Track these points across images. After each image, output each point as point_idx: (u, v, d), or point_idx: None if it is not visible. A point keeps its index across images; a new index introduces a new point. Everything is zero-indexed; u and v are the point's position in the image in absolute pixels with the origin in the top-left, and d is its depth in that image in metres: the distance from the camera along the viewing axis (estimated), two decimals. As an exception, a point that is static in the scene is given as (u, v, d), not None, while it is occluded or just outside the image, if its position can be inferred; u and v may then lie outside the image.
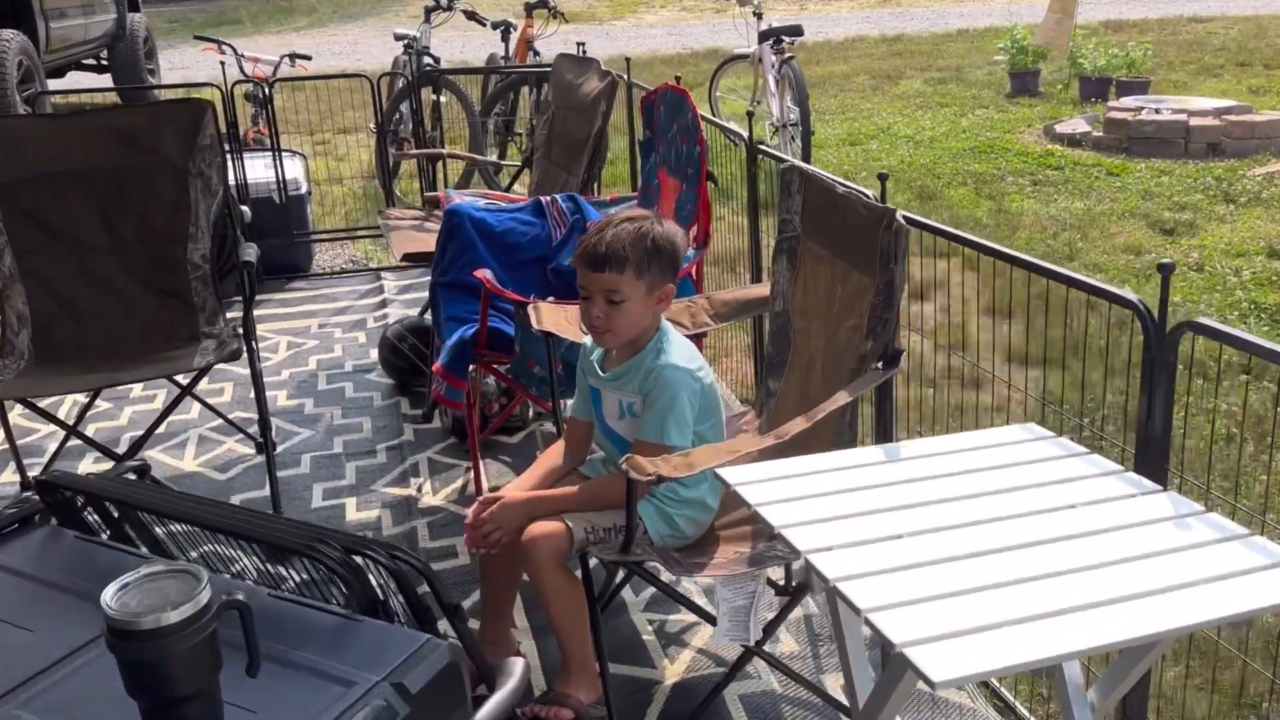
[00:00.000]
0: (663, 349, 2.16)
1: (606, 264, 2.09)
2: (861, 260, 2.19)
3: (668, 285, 2.15)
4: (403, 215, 4.35)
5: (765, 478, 1.76)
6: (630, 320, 2.12)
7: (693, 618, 2.64)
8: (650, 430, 2.11)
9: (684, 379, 2.12)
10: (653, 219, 2.15)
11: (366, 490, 3.45)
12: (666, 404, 2.10)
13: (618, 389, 2.21)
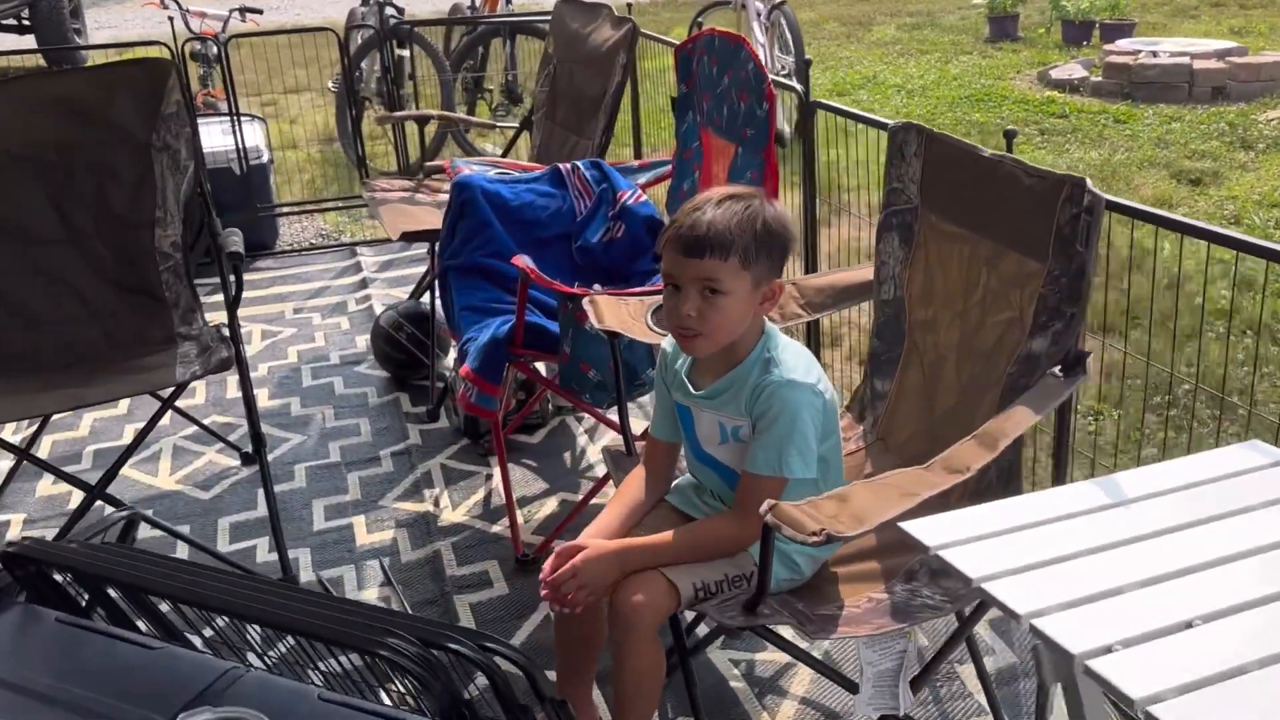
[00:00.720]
0: (773, 359, 1.76)
1: (707, 248, 1.68)
2: (1022, 240, 1.79)
3: (775, 281, 1.75)
4: (390, 186, 3.87)
5: (967, 536, 1.37)
6: (729, 321, 1.72)
7: (784, 656, 2.26)
8: (765, 462, 1.72)
9: (805, 397, 1.73)
10: (761, 198, 1.75)
11: (375, 506, 3.01)
12: (785, 429, 1.71)
13: (716, 409, 1.81)
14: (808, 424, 1.72)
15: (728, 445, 1.82)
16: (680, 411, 1.89)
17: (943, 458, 1.60)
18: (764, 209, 1.72)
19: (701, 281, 1.70)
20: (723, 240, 1.68)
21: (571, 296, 2.32)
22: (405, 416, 3.49)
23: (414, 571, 2.72)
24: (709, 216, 1.70)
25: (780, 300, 2.20)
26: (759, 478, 1.72)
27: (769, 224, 1.71)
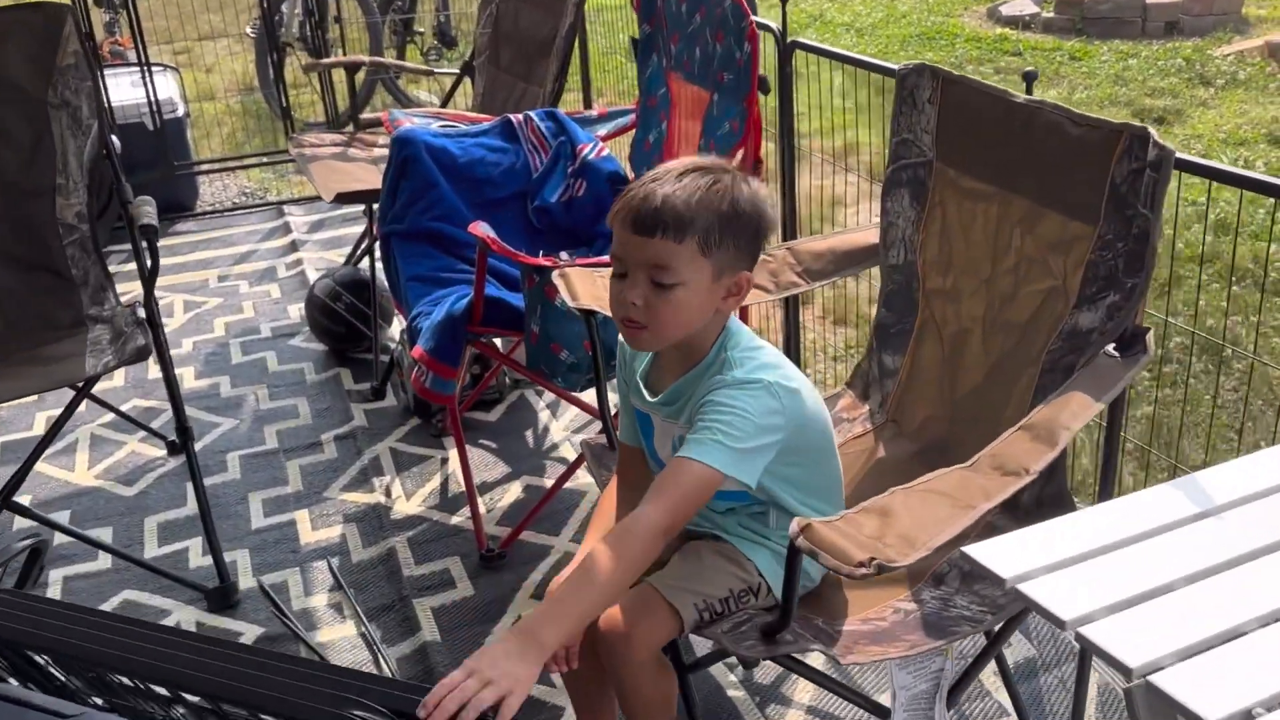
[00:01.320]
0: (729, 360, 1.46)
1: (659, 226, 1.38)
2: (1066, 199, 1.57)
3: (742, 273, 1.44)
4: (320, 141, 3.54)
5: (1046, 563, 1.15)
6: (681, 316, 1.42)
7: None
8: (699, 449, 1.39)
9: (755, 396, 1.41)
10: (735, 175, 1.45)
11: (319, 499, 2.74)
12: (727, 419, 1.40)
13: (671, 417, 1.54)
14: (757, 427, 1.40)
15: None
16: (639, 418, 1.62)
17: (990, 455, 1.38)
18: (736, 186, 1.42)
19: (651, 267, 1.41)
20: (679, 218, 1.38)
21: (539, 269, 2.06)
22: (347, 395, 3.20)
23: (367, 573, 2.46)
24: (666, 189, 1.40)
25: (774, 268, 1.96)
26: (685, 464, 1.38)
27: (739, 204, 1.41)
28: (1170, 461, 2.40)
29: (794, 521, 1.28)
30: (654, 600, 1.52)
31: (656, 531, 1.37)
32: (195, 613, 2.35)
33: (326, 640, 2.26)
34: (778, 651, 1.43)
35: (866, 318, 3.43)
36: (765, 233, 1.47)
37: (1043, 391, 1.62)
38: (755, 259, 1.48)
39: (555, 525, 2.55)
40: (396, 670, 2.15)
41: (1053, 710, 1.98)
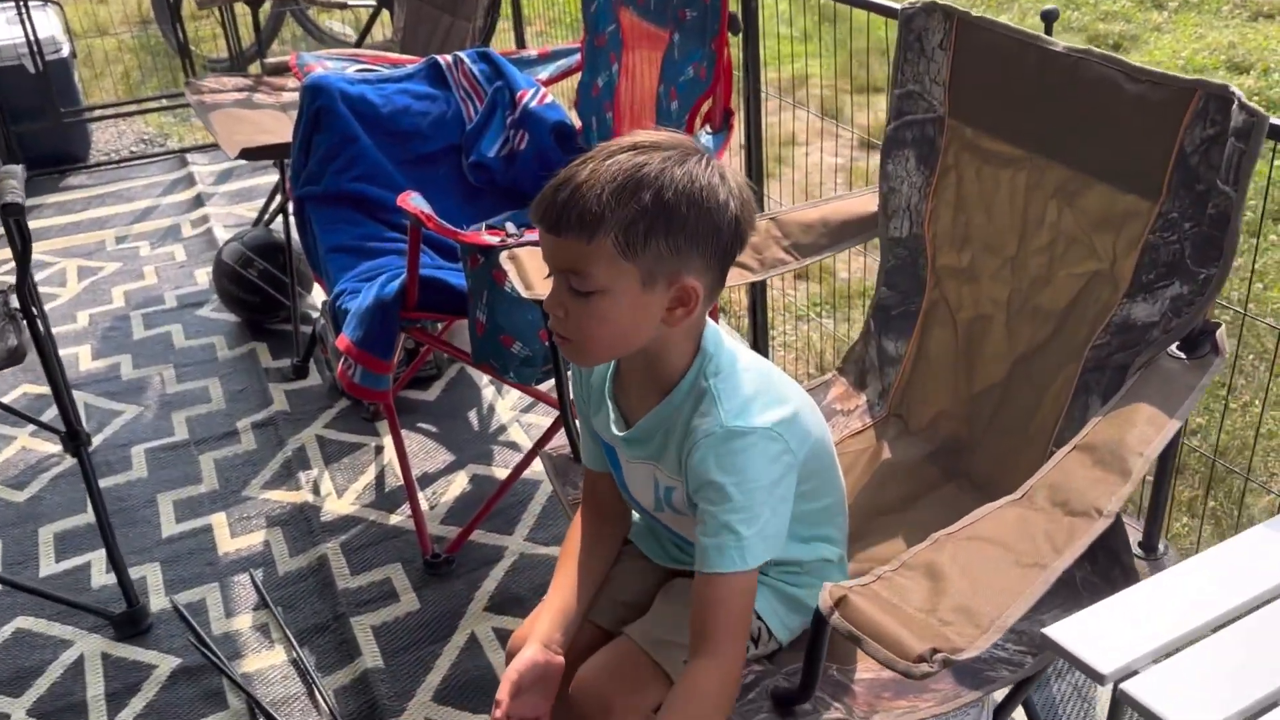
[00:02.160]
0: (709, 392, 1.17)
1: (563, 223, 1.10)
2: (1117, 167, 1.32)
3: (685, 278, 1.12)
4: (221, 86, 3.15)
5: (1152, 646, 0.93)
6: (606, 329, 1.14)
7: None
8: (724, 557, 1.15)
9: (757, 449, 1.16)
10: (676, 153, 1.12)
11: (238, 498, 2.44)
12: (741, 505, 1.14)
13: (647, 458, 1.26)
14: (769, 489, 1.16)
15: (666, 515, 1.30)
16: (606, 449, 1.33)
17: (1047, 486, 1.15)
18: (667, 172, 1.09)
19: (565, 270, 1.13)
20: (585, 213, 1.08)
21: (484, 249, 1.76)
22: (265, 374, 2.88)
23: (296, 586, 2.18)
24: (584, 174, 1.10)
25: (757, 244, 1.69)
26: (721, 579, 1.15)
27: (665, 195, 1.09)
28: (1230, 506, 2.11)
29: (825, 590, 1.04)
30: (636, 659, 1.27)
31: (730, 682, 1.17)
32: (101, 642, 2.06)
33: (253, 670, 1.98)
34: (797, 726, 1.20)
35: (830, 270, 3.18)
36: (719, 230, 1.13)
37: (1085, 392, 1.39)
38: (712, 262, 1.14)
39: (508, 523, 2.29)
40: (335, 704, 1.90)
41: (1068, 719, 1.80)
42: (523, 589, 2.12)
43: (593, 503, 1.39)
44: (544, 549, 2.22)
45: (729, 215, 1.12)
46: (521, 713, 1.25)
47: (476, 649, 2.00)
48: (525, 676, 1.23)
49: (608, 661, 1.26)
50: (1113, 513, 1.08)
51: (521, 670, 1.23)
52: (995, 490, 1.53)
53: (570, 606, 1.30)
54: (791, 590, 1.33)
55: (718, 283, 1.16)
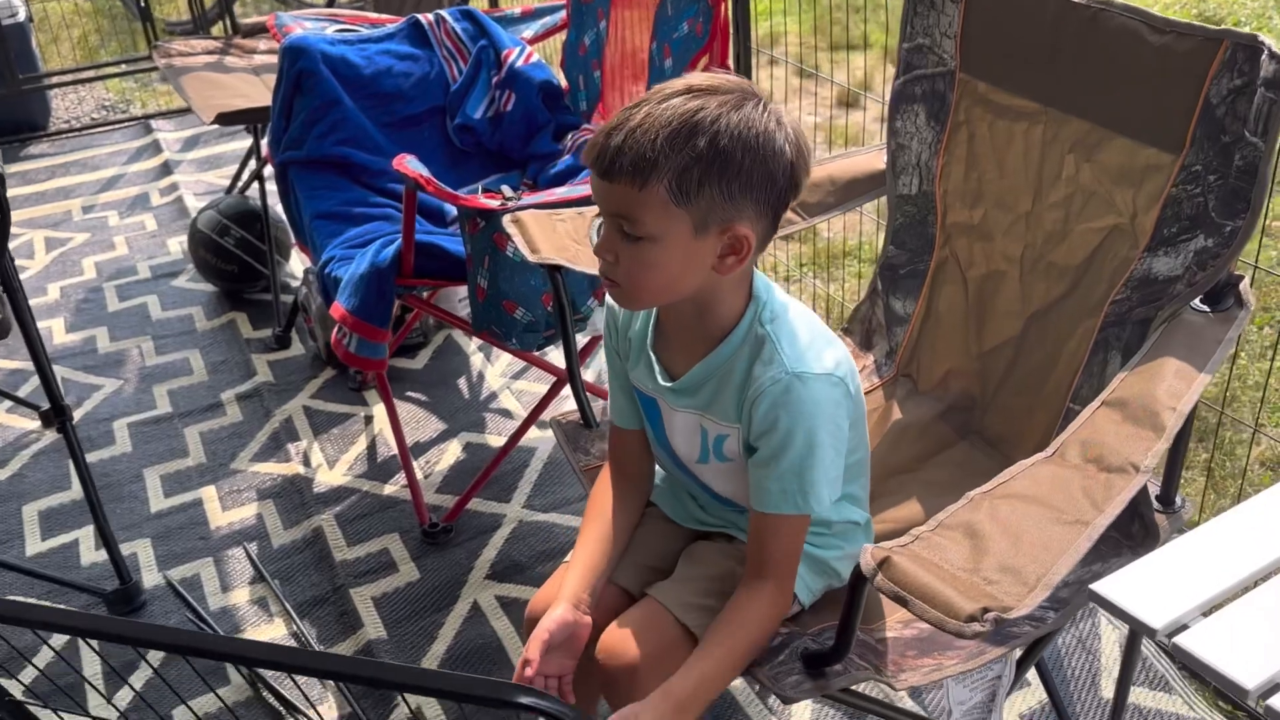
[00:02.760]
0: (769, 338, 1.18)
1: (617, 168, 1.09)
2: (1138, 120, 1.31)
3: (737, 228, 1.11)
4: (190, 49, 3.07)
5: (1198, 599, 0.93)
6: (656, 276, 1.13)
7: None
8: (786, 499, 1.18)
9: (823, 395, 1.17)
10: (733, 97, 1.11)
11: (227, 472, 2.39)
12: (804, 450, 1.16)
13: (695, 408, 1.25)
14: (833, 433, 1.18)
15: (710, 465, 1.29)
16: (644, 402, 1.32)
17: (1079, 442, 1.14)
18: (723, 118, 1.08)
19: (616, 216, 1.12)
20: (640, 159, 1.07)
21: (485, 213, 1.72)
22: (247, 344, 2.82)
23: (292, 559, 2.15)
24: (638, 118, 1.09)
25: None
26: (781, 520, 1.19)
27: (721, 141, 1.07)
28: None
29: (867, 551, 1.03)
30: (663, 622, 1.27)
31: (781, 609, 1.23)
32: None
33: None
34: (830, 688, 1.20)
35: (813, 229, 3.17)
36: (774, 177, 1.11)
37: (1103, 347, 1.39)
38: (765, 210, 1.13)
39: (505, 491, 2.27)
40: (339, 678, 1.87)
41: (1073, 672, 1.82)
42: (523, 556, 2.11)
43: (619, 462, 1.38)
44: (542, 515, 2.20)
45: (785, 162, 1.10)
46: (548, 671, 1.25)
47: (480, 617, 1.98)
48: (556, 635, 1.23)
49: (635, 624, 1.25)
50: (1150, 468, 1.08)
51: (553, 629, 1.22)
52: (1008, 447, 1.54)
53: (597, 566, 1.30)
54: (817, 552, 1.33)
55: (770, 230, 1.15)
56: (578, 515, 2.20)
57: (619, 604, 1.33)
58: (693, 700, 1.15)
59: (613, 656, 1.25)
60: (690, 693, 1.15)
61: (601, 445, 1.56)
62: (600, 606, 1.30)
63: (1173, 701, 1.75)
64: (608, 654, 1.25)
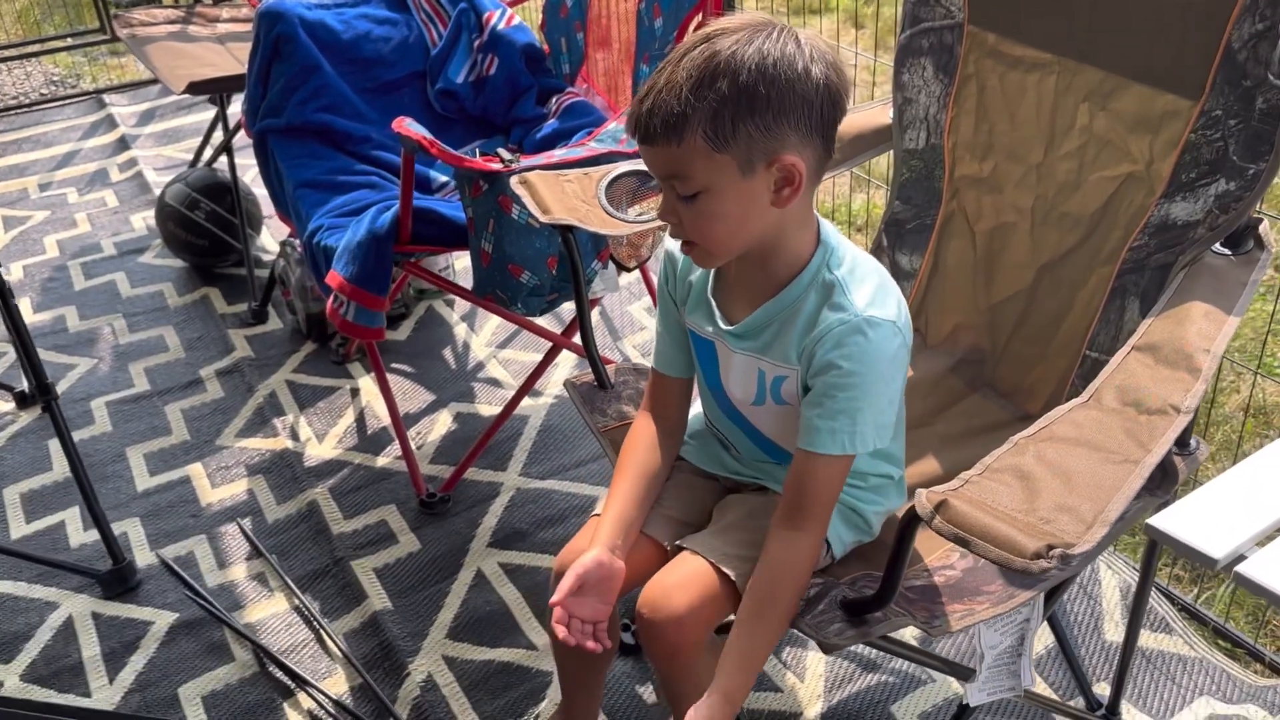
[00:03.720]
0: (838, 284, 1.19)
1: (654, 130, 1.11)
2: (1156, 67, 1.33)
3: (784, 155, 1.11)
4: (151, 18, 2.98)
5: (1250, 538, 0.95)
6: (721, 226, 1.15)
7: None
8: (834, 439, 1.20)
9: (886, 342, 1.19)
10: (751, 29, 1.11)
11: (213, 449, 2.35)
12: (861, 392, 1.18)
13: (755, 351, 1.27)
14: (889, 380, 1.21)
15: (764, 407, 1.31)
16: (700, 346, 1.34)
17: (1114, 387, 1.16)
18: (738, 54, 1.08)
19: (667, 177, 1.15)
20: (670, 116, 1.09)
21: (489, 176, 1.69)
22: (222, 320, 2.77)
23: (288, 534, 2.12)
24: (662, 79, 1.11)
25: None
26: (825, 460, 1.20)
27: (748, 76, 1.08)
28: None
29: (922, 495, 1.04)
30: (704, 572, 1.27)
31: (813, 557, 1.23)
32: (89, 602, 1.98)
33: (255, 620, 1.93)
34: (871, 635, 1.21)
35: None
36: (808, 100, 1.11)
37: (1121, 294, 1.41)
38: (810, 135, 1.13)
39: (500, 459, 2.25)
40: (347, 648, 1.85)
41: (1077, 617, 1.86)
42: (524, 523, 2.10)
43: (658, 410, 1.40)
44: (540, 483, 2.19)
45: (814, 82, 1.11)
46: (581, 613, 1.25)
47: (485, 585, 1.97)
48: (588, 576, 1.24)
49: (675, 576, 1.26)
50: (1191, 409, 1.10)
51: (583, 571, 1.24)
52: (1022, 398, 1.56)
53: (630, 514, 1.31)
54: (852, 503, 1.34)
55: (822, 154, 1.16)
56: (576, 481, 2.19)
57: (649, 556, 1.34)
58: (743, 685, 1.18)
59: (656, 610, 1.25)
60: (742, 683, 1.18)
61: (618, 406, 1.56)
62: (631, 558, 1.30)
63: (1174, 642, 1.80)
64: (651, 607, 1.26)
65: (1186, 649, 1.79)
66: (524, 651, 1.83)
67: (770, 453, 1.35)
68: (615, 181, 1.65)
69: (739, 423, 1.36)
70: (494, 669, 1.81)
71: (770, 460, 1.36)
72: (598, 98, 2.37)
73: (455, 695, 1.76)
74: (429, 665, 1.81)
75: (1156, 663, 1.77)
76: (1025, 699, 1.61)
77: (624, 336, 2.63)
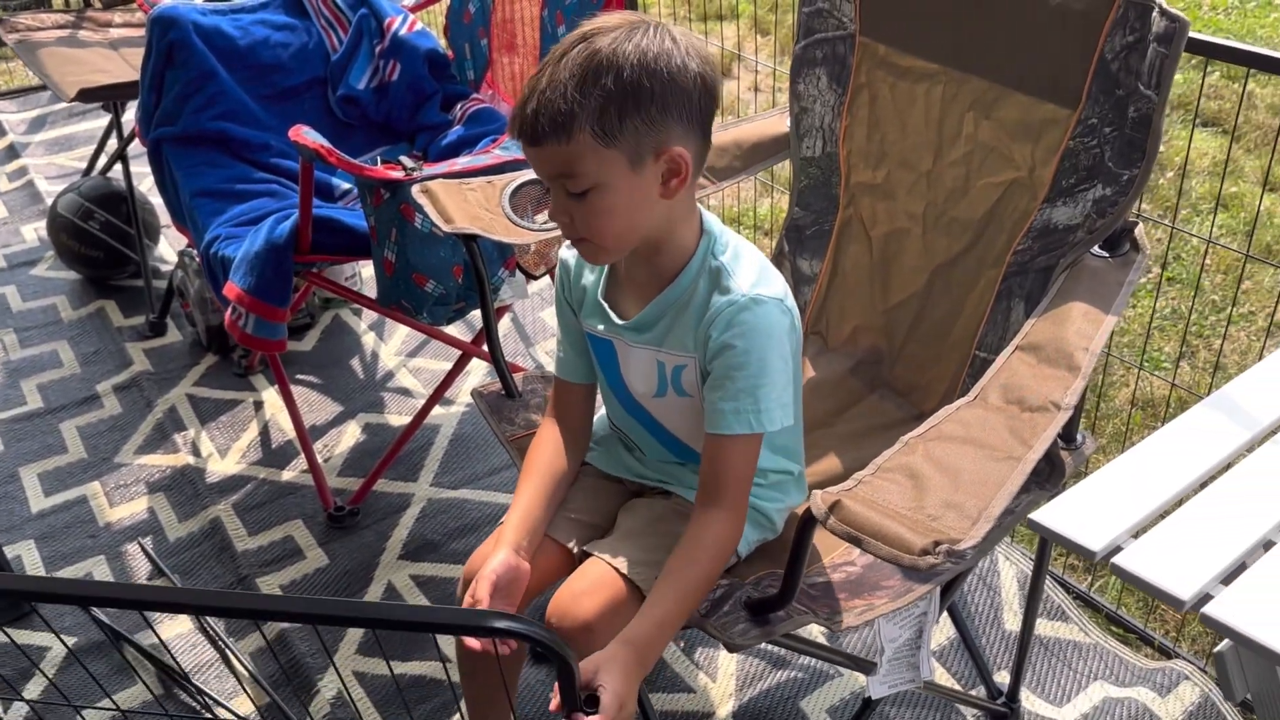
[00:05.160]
0: (723, 269, 1.23)
1: (540, 130, 1.13)
2: (1036, 78, 1.37)
3: (670, 147, 1.15)
4: (39, 23, 2.88)
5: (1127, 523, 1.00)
6: (614, 221, 1.17)
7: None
8: (740, 418, 1.23)
9: (775, 319, 1.23)
10: (629, 26, 1.14)
11: (111, 466, 2.29)
12: (758, 369, 1.21)
13: (652, 343, 1.30)
14: (784, 356, 1.25)
15: (666, 400, 1.33)
16: (598, 346, 1.36)
17: (998, 386, 1.20)
18: (623, 49, 1.11)
19: (554, 178, 1.17)
20: (556, 115, 1.11)
21: (390, 185, 1.68)
22: (119, 333, 2.70)
23: (191, 552, 2.07)
24: (545, 80, 1.13)
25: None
26: (734, 440, 1.23)
27: (632, 71, 1.11)
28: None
29: (816, 496, 1.06)
30: (612, 579, 1.28)
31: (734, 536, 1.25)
32: (-22, 630, 1.91)
33: (157, 642, 1.88)
34: (775, 634, 1.23)
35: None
36: (687, 92, 1.15)
37: (1007, 296, 1.46)
38: (691, 126, 1.16)
39: (411, 470, 2.23)
40: (254, 669, 1.82)
41: (978, 608, 1.92)
42: (436, 534, 2.08)
43: (562, 415, 1.41)
44: (452, 493, 2.18)
45: (692, 75, 1.15)
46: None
47: (396, 598, 1.96)
48: (502, 578, 1.24)
49: (584, 584, 1.26)
50: (1070, 406, 1.14)
51: (499, 572, 1.24)
52: (918, 397, 1.61)
53: (536, 515, 1.32)
54: (752, 502, 1.36)
55: (703, 144, 1.19)
56: (489, 490, 2.18)
57: (554, 559, 1.35)
58: (653, 643, 1.17)
59: (565, 617, 1.25)
60: (650, 636, 1.17)
61: (526, 414, 1.56)
62: (536, 561, 1.31)
63: (1070, 629, 1.87)
64: (560, 615, 1.26)
65: (1082, 635, 1.86)
66: (436, 665, 1.82)
67: (675, 451, 1.37)
68: (519, 189, 1.65)
69: (643, 420, 1.37)
70: (406, 683, 1.79)
71: (676, 460, 1.38)
72: (503, 104, 2.36)
73: (367, 711, 1.75)
74: (339, 682, 1.79)
75: (1054, 650, 1.83)
76: (927, 690, 1.65)
77: (536, 343, 2.63)
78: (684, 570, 1.20)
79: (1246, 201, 3.03)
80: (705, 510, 1.24)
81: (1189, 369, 2.47)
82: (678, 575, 1.20)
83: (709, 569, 1.22)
